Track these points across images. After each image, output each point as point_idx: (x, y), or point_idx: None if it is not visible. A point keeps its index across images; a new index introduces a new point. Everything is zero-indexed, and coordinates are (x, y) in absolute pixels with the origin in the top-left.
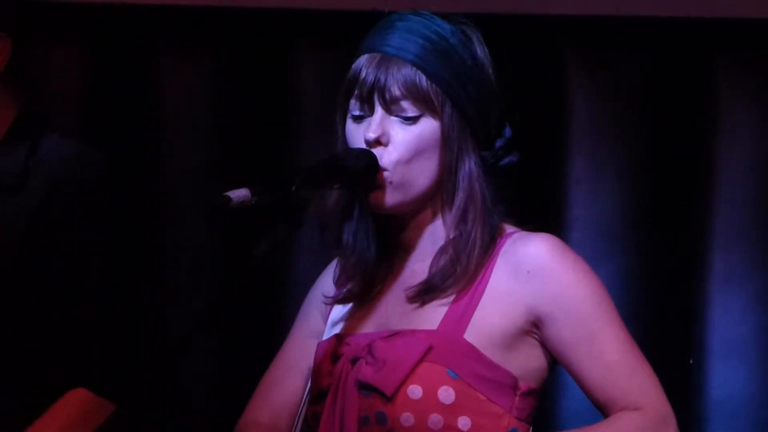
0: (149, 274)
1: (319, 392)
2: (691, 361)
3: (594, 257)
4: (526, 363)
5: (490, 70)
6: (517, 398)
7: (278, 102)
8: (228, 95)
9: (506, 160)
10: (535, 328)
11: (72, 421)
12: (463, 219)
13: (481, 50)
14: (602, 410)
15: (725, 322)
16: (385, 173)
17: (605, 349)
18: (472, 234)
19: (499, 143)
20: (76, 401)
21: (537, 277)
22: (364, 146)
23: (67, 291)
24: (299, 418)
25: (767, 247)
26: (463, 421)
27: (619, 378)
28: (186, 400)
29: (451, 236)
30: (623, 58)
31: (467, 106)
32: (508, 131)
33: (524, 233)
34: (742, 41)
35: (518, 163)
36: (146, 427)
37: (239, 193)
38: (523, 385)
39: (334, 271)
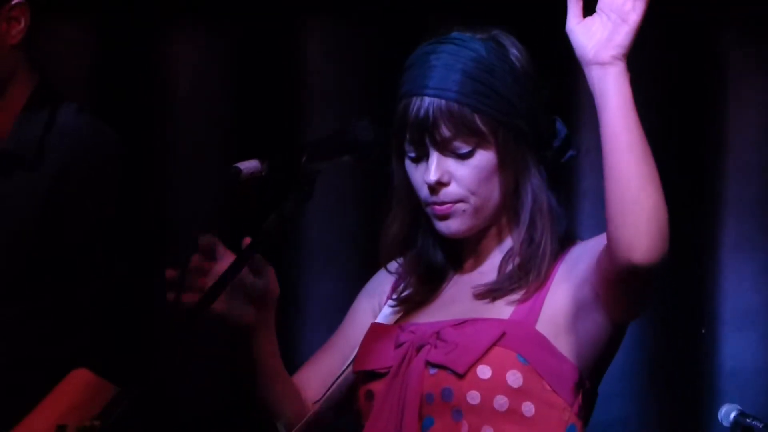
0: (159, 251)
1: (375, 374)
2: (703, 331)
3: (604, 227)
4: (589, 350)
5: (531, 71)
6: (580, 395)
7: (287, 76)
8: (237, 70)
9: (567, 155)
10: (595, 292)
11: (76, 403)
12: (532, 229)
13: (518, 55)
14: None
15: (737, 291)
16: (458, 205)
17: None
18: (542, 243)
19: (557, 143)
20: (79, 382)
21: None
22: (425, 187)
23: (80, 267)
24: (329, 389)
25: None
26: (527, 407)
27: None
28: (193, 381)
29: (519, 242)
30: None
31: (518, 122)
32: (561, 128)
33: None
34: (751, 12)
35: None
36: (152, 408)
37: (249, 165)
38: (587, 383)
39: (399, 273)
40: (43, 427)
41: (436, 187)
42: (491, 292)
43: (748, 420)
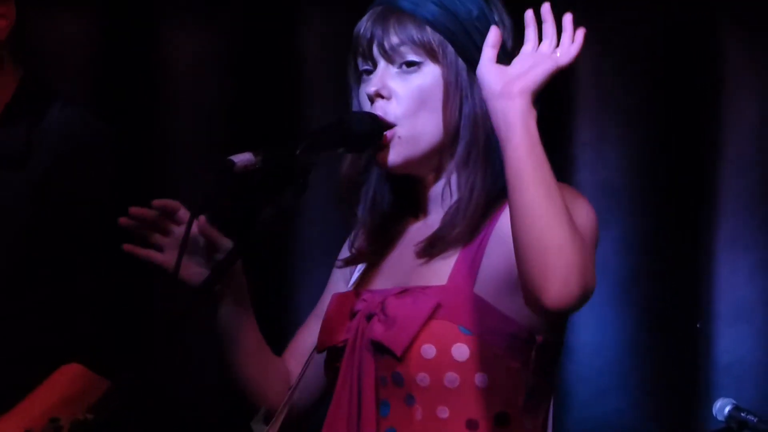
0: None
1: (335, 348)
2: (698, 325)
3: (600, 221)
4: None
5: (504, 25)
6: (534, 352)
7: (285, 68)
8: (234, 60)
9: None
10: None
11: (67, 396)
12: (465, 164)
13: (492, 6)
14: None
15: (732, 286)
16: (394, 129)
17: None
18: (471, 178)
19: None
20: (71, 376)
21: None
22: (368, 106)
23: (69, 264)
24: (306, 365)
25: None
26: (480, 378)
27: None
28: (190, 372)
29: (455, 182)
30: (629, 21)
31: (474, 55)
32: None
33: None
34: (747, 10)
35: None
36: (146, 401)
37: (243, 158)
38: (538, 338)
39: (352, 233)
40: (34, 417)
41: (374, 99)
42: (430, 247)
43: (742, 414)
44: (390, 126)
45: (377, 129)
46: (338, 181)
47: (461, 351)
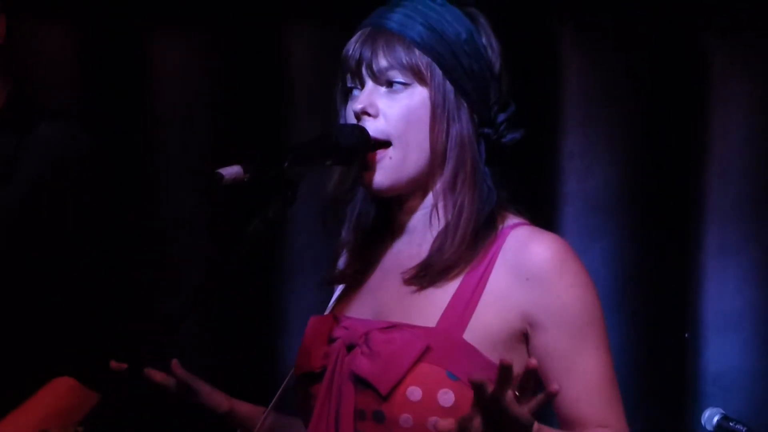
0: (141, 257)
1: (312, 373)
2: (686, 335)
3: (588, 232)
4: (522, 366)
5: (492, 48)
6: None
7: (270, 78)
8: (219, 71)
9: (509, 137)
10: (526, 333)
11: (58, 409)
12: (452, 187)
13: (480, 29)
14: (568, 425)
15: (720, 296)
16: (384, 151)
17: (588, 370)
18: (459, 201)
19: (501, 118)
20: (62, 389)
21: (535, 286)
22: (355, 120)
23: (57, 277)
24: (283, 387)
25: (761, 221)
26: None
27: (595, 400)
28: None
29: (442, 207)
30: (616, 32)
31: (461, 78)
32: (512, 108)
33: (529, 229)
34: (734, 14)
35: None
36: (135, 415)
37: (231, 171)
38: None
39: (336, 252)
40: (23, 429)
41: (360, 116)
42: (419, 278)
43: (731, 424)
44: (381, 145)
45: (365, 142)
46: (323, 199)
47: (447, 397)
